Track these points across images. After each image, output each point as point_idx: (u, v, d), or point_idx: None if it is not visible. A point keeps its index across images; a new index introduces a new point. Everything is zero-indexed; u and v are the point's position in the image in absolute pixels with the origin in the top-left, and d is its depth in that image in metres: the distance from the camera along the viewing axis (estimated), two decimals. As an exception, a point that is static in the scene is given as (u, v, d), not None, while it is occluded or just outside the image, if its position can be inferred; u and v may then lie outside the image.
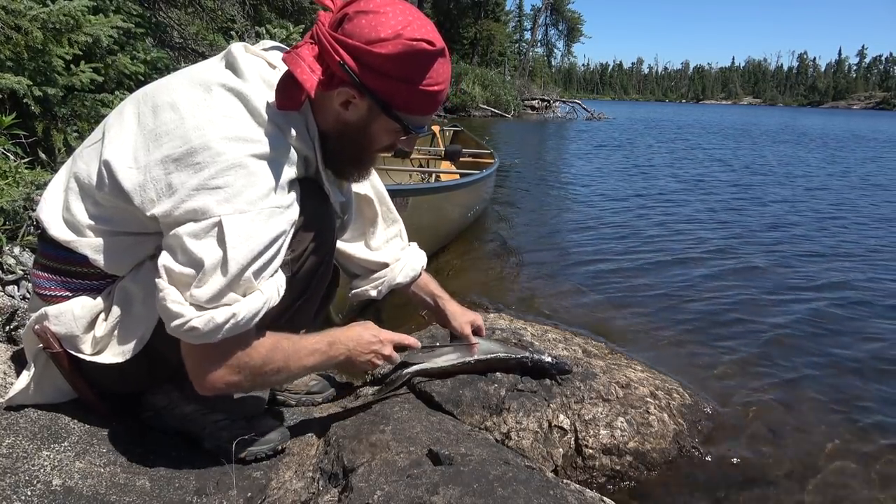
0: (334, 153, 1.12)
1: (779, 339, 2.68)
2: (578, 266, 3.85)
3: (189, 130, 0.97)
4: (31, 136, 2.60)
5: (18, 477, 1.00)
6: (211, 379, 1.01)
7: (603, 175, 8.55)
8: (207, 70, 1.05)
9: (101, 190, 1.03)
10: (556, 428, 1.53)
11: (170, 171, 0.96)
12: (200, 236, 0.94)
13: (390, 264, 1.49)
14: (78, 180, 1.07)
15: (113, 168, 1.00)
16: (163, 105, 1.01)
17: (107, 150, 1.02)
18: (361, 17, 0.97)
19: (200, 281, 0.94)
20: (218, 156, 0.94)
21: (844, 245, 4.58)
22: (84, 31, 2.66)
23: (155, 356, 1.09)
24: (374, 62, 0.97)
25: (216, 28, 6.50)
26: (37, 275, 1.12)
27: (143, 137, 1.01)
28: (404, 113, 1.04)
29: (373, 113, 1.04)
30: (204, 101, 0.99)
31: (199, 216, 0.94)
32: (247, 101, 0.99)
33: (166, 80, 1.09)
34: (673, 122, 28.16)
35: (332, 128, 1.08)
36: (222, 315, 0.95)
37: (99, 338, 1.08)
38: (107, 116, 1.12)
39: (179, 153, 0.96)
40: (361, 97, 1.02)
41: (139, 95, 1.08)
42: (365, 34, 0.96)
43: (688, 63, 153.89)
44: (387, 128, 1.07)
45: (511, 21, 40.51)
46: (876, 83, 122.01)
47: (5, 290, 1.96)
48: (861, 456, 1.77)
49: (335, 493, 1.15)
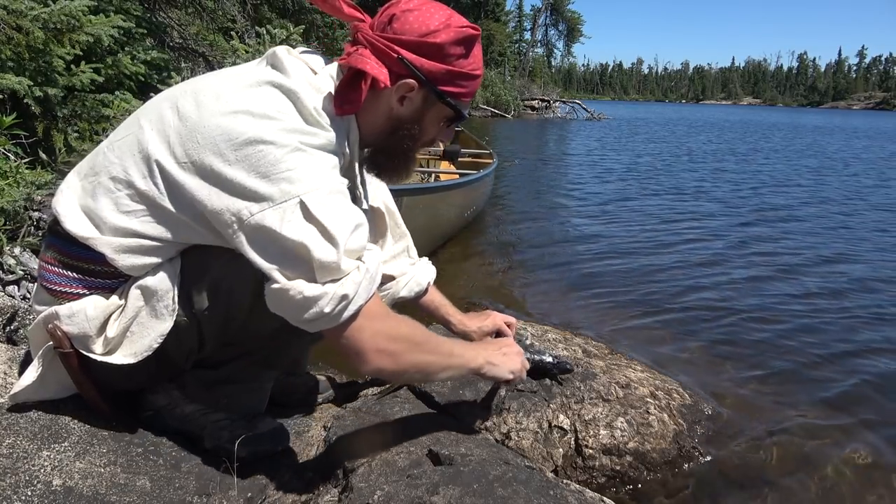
0: (382, 152, 1.14)
1: (779, 340, 2.68)
2: (578, 266, 3.85)
3: (242, 123, 0.95)
4: (31, 136, 2.60)
5: (18, 477, 1.00)
6: (366, 348, 1.02)
7: (603, 175, 8.55)
8: (251, 69, 1.06)
9: (141, 186, 1.00)
10: (556, 428, 1.53)
11: (230, 162, 0.94)
12: (289, 219, 0.93)
13: (396, 277, 1.48)
14: (109, 175, 1.03)
15: (162, 164, 0.98)
16: (207, 98, 1.00)
17: (150, 146, 1.00)
18: (408, 15, 1.04)
19: (306, 264, 0.94)
20: (278, 145, 0.95)
21: (850, 247, 4.58)
22: (85, 30, 2.66)
23: (162, 357, 1.08)
24: (431, 51, 1.04)
25: (216, 28, 6.51)
26: (47, 269, 1.09)
27: (188, 131, 0.98)
28: (455, 99, 1.10)
29: (427, 103, 1.09)
30: (253, 96, 0.99)
31: (277, 200, 0.93)
32: (296, 97, 1.00)
33: (204, 78, 1.08)
34: (674, 121, 28.17)
35: (383, 127, 1.11)
36: (356, 275, 0.97)
37: (110, 338, 1.06)
38: (136, 111, 1.10)
39: (237, 144, 0.94)
40: (419, 89, 1.07)
41: (176, 92, 1.06)
42: (416, 28, 1.04)
43: (688, 63, 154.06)
44: (439, 116, 1.12)
45: (511, 21, 40.51)
46: (876, 83, 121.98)
47: (5, 290, 1.96)
48: (861, 456, 1.77)
49: (335, 493, 1.15)
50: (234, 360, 1.20)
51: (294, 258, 0.95)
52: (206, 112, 0.98)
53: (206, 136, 0.96)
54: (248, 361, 1.22)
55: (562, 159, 11.05)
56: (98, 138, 2.90)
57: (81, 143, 2.82)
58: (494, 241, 4.60)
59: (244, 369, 1.23)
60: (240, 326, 1.12)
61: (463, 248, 4.24)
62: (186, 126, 0.99)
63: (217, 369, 1.20)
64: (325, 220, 0.94)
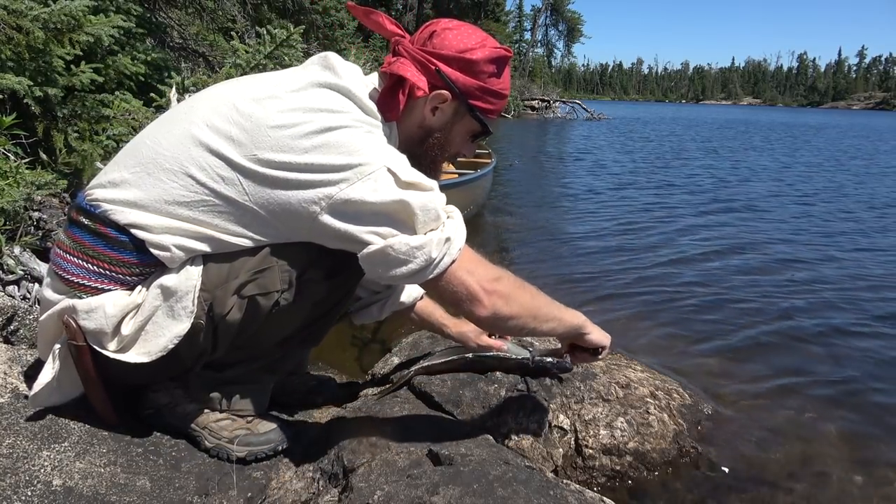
0: (412, 159, 1.14)
1: (780, 339, 2.68)
2: (578, 266, 3.85)
3: (311, 116, 0.99)
4: (31, 136, 2.60)
5: (18, 477, 1.00)
6: (486, 289, 1.08)
7: (603, 174, 8.56)
8: (302, 73, 1.09)
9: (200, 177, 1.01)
10: (556, 428, 1.53)
11: (307, 150, 0.98)
12: (382, 187, 0.98)
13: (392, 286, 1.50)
14: (161, 167, 1.03)
15: (229, 158, 0.99)
16: (265, 97, 1.02)
17: (210, 141, 1.01)
18: (448, 33, 1.13)
19: (414, 215, 1.01)
20: (350, 131, 1.00)
21: (853, 248, 4.57)
22: (85, 30, 2.66)
23: (173, 357, 1.08)
24: (467, 67, 1.12)
25: (216, 28, 6.51)
26: (65, 258, 1.07)
27: (255, 127, 0.99)
28: (483, 114, 1.17)
29: (457, 115, 1.17)
30: (313, 95, 1.03)
31: (365, 173, 0.98)
32: (353, 95, 1.06)
33: (254, 77, 1.13)
34: (673, 120, 28.18)
35: (414, 135, 1.18)
36: (451, 222, 1.06)
37: (125, 336, 1.06)
38: (179, 105, 1.14)
39: (310, 133, 0.98)
40: (451, 101, 1.14)
41: (227, 91, 1.08)
42: (455, 45, 1.12)
43: (688, 63, 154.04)
44: (467, 129, 1.20)
45: (511, 21, 40.52)
46: (876, 83, 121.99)
47: (5, 291, 1.96)
48: (861, 456, 1.77)
49: (335, 493, 1.15)
50: (239, 364, 1.20)
51: (393, 219, 1.01)
52: (271, 110, 1.00)
53: (273, 133, 0.99)
54: (253, 366, 1.22)
55: (561, 159, 11.05)
56: (98, 138, 2.90)
57: (81, 144, 2.82)
58: (494, 241, 4.60)
59: (248, 373, 1.23)
60: (254, 333, 1.12)
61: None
62: (252, 122, 1.00)
63: (222, 371, 1.20)
64: (416, 179, 1.02)
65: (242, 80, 1.13)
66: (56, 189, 2.41)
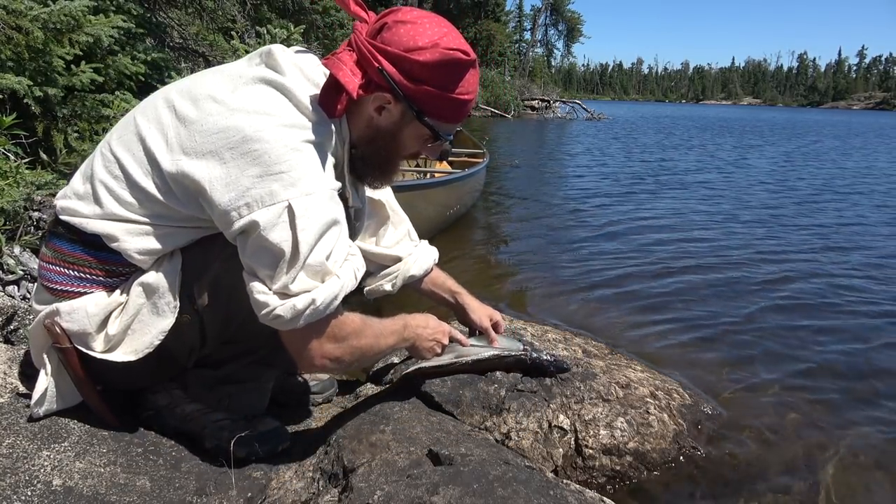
0: (362, 158, 1.14)
1: (780, 339, 2.68)
2: (578, 266, 3.85)
3: (239, 121, 0.97)
4: (31, 136, 2.60)
5: (18, 477, 1.00)
6: (312, 356, 1.06)
7: (602, 175, 8.55)
8: (244, 68, 1.07)
9: (141, 182, 1.02)
10: (556, 428, 1.53)
11: (226, 160, 0.97)
12: (273, 223, 0.96)
13: (403, 258, 1.53)
14: (111, 174, 1.05)
15: (160, 162, 1.01)
16: (203, 97, 1.02)
17: (150, 144, 1.02)
18: (400, 27, 1.02)
19: (279, 270, 0.98)
20: (274, 142, 0.96)
21: (853, 247, 4.57)
22: (85, 31, 2.66)
23: (164, 354, 1.08)
24: (412, 69, 1.02)
25: (216, 28, 6.50)
26: (47, 268, 1.09)
27: (186, 130, 1.00)
28: (435, 120, 1.08)
29: (405, 119, 1.08)
30: (248, 94, 1.01)
31: (266, 202, 0.95)
32: (291, 93, 1.02)
33: (198, 76, 1.10)
34: (674, 120, 28.18)
35: (363, 133, 1.12)
36: (302, 302, 0.98)
37: (111, 335, 1.07)
38: (132, 110, 1.13)
39: (234, 142, 0.96)
40: (396, 103, 1.06)
41: (171, 91, 1.08)
42: (403, 42, 1.01)
43: (688, 63, 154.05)
44: (417, 134, 1.11)
45: (511, 21, 40.55)
46: (876, 83, 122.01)
47: (5, 291, 1.96)
48: (861, 456, 1.77)
49: (335, 493, 1.15)
50: (234, 359, 1.20)
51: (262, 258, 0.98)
52: (203, 112, 1.00)
53: (204, 136, 0.98)
54: (248, 360, 1.22)
55: (561, 159, 11.04)
56: (98, 138, 2.90)
57: (81, 143, 2.82)
58: (493, 241, 4.60)
59: (245, 368, 1.23)
60: (240, 324, 1.12)
61: (462, 248, 4.24)
62: (185, 126, 1.00)
63: (218, 368, 1.20)
64: (302, 230, 0.96)
65: (189, 79, 1.11)
66: (56, 189, 2.41)
